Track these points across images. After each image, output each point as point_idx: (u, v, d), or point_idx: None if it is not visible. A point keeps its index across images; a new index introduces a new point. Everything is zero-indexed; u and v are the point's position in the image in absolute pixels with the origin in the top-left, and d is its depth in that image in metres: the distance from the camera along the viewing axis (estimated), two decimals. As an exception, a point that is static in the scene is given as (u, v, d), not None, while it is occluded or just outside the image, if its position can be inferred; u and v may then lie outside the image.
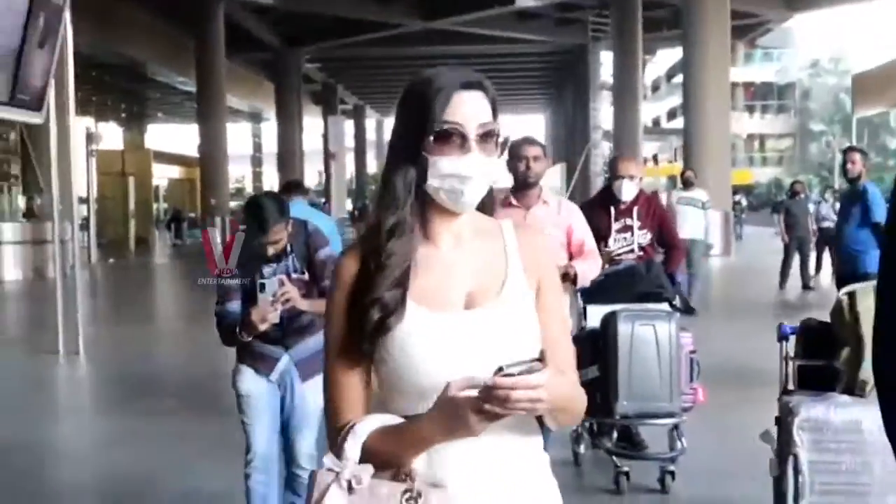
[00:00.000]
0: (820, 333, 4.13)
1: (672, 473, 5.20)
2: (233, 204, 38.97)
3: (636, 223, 5.79)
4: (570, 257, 4.83)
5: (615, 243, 5.82)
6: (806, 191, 17.85)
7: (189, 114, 51.93)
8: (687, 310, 5.23)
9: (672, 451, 5.24)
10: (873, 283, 3.64)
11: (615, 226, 5.82)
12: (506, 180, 4.51)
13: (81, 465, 6.78)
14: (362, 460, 1.69)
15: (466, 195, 1.74)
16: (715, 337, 9.35)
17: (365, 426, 1.72)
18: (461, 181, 1.74)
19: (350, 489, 1.66)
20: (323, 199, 32.20)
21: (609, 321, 5.02)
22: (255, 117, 56.55)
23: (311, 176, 51.88)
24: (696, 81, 23.12)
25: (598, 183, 36.13)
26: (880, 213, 7.40)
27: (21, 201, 24.04)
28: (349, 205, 40.05)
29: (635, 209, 5.79)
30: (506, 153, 4.43)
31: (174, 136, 62.93)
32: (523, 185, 4.91)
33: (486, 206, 1.85)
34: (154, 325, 14.04)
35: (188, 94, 44.42)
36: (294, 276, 4.11)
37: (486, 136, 1.76)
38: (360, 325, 1.73)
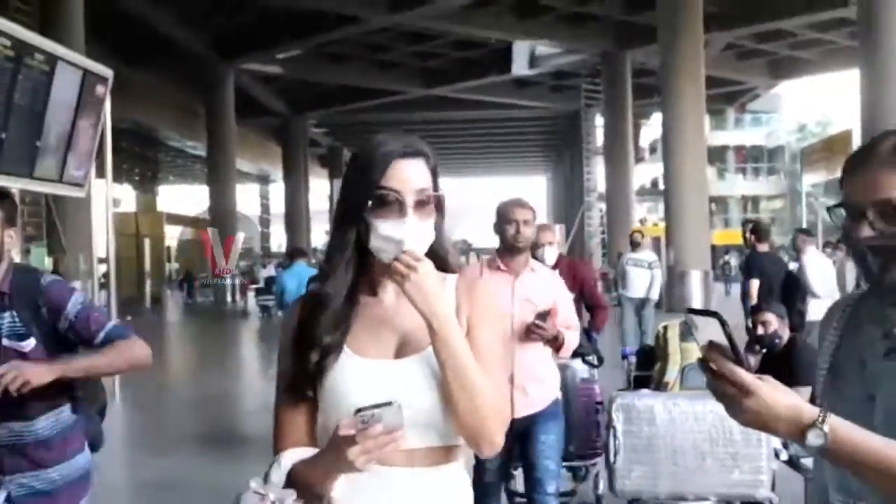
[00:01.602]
0: (647, 353, 6.45)
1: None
2: (242, 264, 40.78)
3: None
4: None
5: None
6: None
7: (199, 176, 54.24)
8: (600, 362, 6.36)
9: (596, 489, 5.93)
10: (678, 320, 6.06)
11: None
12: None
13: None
14: (288, 486, 1.82)
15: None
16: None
17: (289, 456, 1.87)
18: (397, 245, 1.86)
19: None
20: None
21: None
22: (263, 179, 58.20)
23: (319, 235, 53.68)
24: (673, 147, 24.41)
25: (593, 242, 37.97)
26: None
27: (48, 262, 25.67)
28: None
29: (556, 272, 5.84)
30: (493, 215, 4.60)
31: (184, 198, 65.02)
32: (511, 250, 4.75)
33: (446, 262, 1.99)
34: (180, 376, 15.51)
35: (198, 157, 46.48)
36: (5, 342, 3.05)
37: (423, 202, 1.90)
38: (303, 366, 1.90)
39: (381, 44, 35.10)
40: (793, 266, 12.05)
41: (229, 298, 36.01)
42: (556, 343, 4.72)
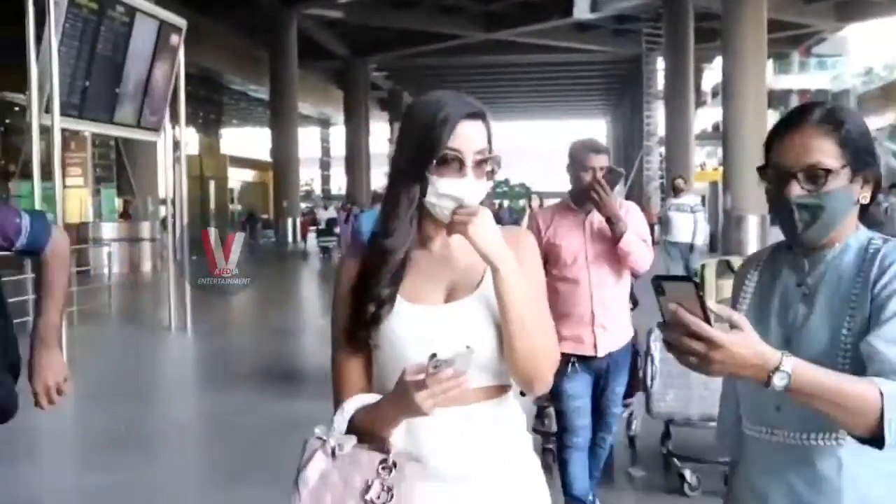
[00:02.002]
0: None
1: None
2: (303, 206, 41.73)
3: None
4: None
5: None
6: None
7: (261, 119, 55.09)
8: (634, 305, 5.25)
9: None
10: (717, 259, 6.33)
11: None
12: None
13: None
14: (349, 432, 1.92)
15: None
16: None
17: (352, 403, 1.96)
18: (456, 201, 1.95)
19: (333, 455, 1.91)
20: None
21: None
22: (324, 123, 58.90)
23: (378, 178, 54.55)
24: (733, 91, 24.48)
25: (651, 187, 38.13)
26: None
27: (118, 203, 26.64)
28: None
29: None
30: (553, 159, 5.41)
31: (246, 141, 66.03)
32: (585, 197, 4.55)
33: (496, 217, 2.06)
34: (240, 310, 16.24)
35: (260, 101, 47.25)
36: None
37: (482, 162, 1.99)
38: (359, 316, 1.98)
39: (442, -13, 35.15)
40: None
41: (290, 239, 36.88)
42: (615, 227, 4.47)
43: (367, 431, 1.93)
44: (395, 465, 1.89)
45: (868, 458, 1.81)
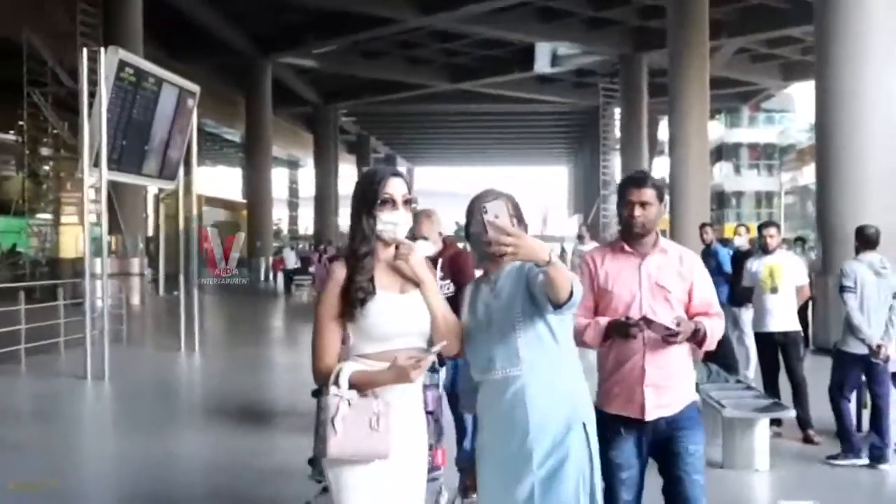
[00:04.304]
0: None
1: None
2: (274, 244, 43.59)
3: (439, 274, 5.48)
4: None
5: None
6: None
7: (232, 160, 57.51)
8: None
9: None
10: None
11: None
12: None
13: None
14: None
15: (397, 233, 3.29)
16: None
17: (348, 368, 3.17)
18: (393, 226, 3.28)
19: (349, 404, 3.12)
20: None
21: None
22: (293, 164, 60.95)
23: (347, 218, 56.56)
24: (678, 144, 26.64)
25: (608, 233, 40.08)
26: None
27: (113, 241, 28.21)
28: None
29: (440, 262, 5.96)
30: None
31: (218, 180, 68.18)
32: (630, 233, 4.12)
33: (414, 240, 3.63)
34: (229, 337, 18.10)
35: (232, 142, 49.88)
36: None
37: (407, 202, 3.30)
38: (349, 300, 3.21)
39: (411, 41, 37.71)
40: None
41: (262, 277, 38.42)
42: (697, 338, 3.98)
43: (359, 386, 3.15)
44: (387, 405, 3.18)
45: (540, 384, 3.40)
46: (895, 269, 7.43)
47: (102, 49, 12.37)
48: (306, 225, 61.86)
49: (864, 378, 7.57)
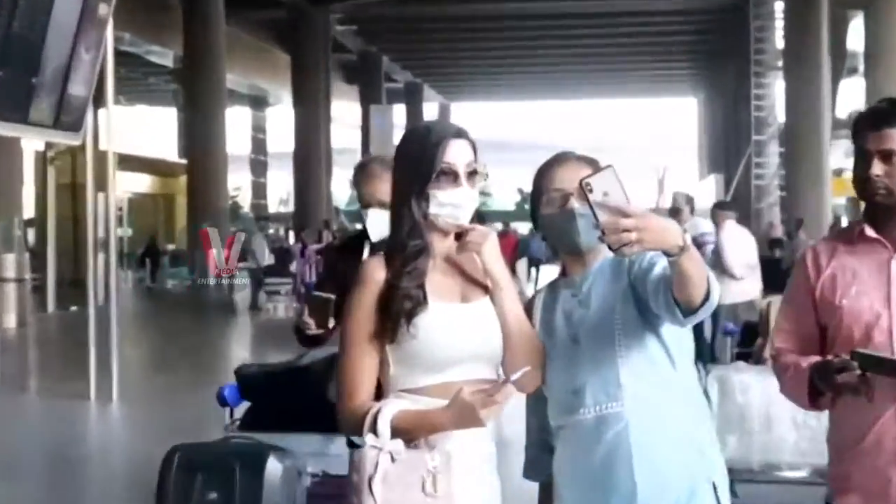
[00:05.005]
0: (750, 329, 9.31)
1: None
2: (232, 229, 31.84)
3: None
4: None
5: None
6: None
7: (162, 98, 45.43)
8: None
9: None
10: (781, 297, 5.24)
11: None
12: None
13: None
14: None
15: (460, 219, 2.83)
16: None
17: (389, 409, 2.69)
18: (455, 208, 2.82)
19: (392, 459, 2.63)
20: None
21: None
22: (258, 102, 48.96)
23: (344, 186, 40.22)
24: (881, 56, 21.11)
25: (765, 203, 31.58)
26: None
27: None
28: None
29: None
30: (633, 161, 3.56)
31: (136, 129, 51.24)
32: (871, 207, 3.08)
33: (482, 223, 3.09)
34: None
35: (162, 68, 39.11)
36: None
37: (472, 173, 2.86)
38: (390, 314, 2.73)
39: None
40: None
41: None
42: None
43: (406, 434, 2.66)
44: (439, 461, 2.77)
45: (651, 425, 2.73)
46: None
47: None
48: (281, 196, 52.71)
49: None
